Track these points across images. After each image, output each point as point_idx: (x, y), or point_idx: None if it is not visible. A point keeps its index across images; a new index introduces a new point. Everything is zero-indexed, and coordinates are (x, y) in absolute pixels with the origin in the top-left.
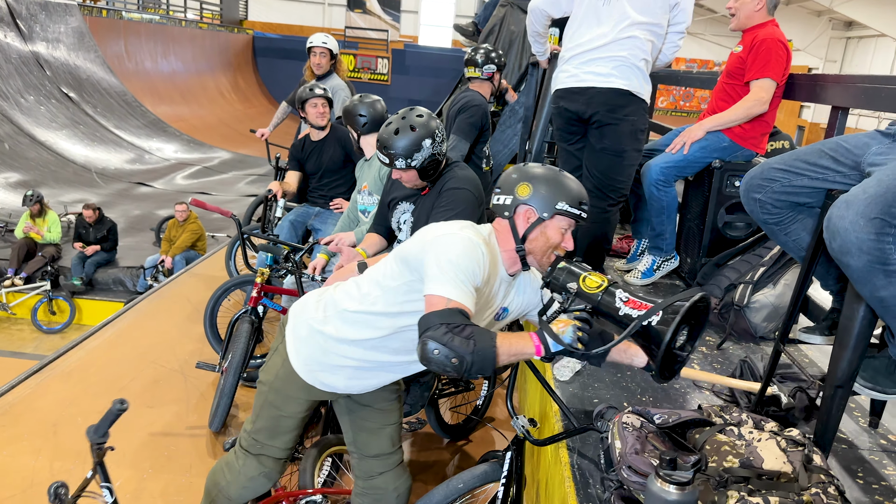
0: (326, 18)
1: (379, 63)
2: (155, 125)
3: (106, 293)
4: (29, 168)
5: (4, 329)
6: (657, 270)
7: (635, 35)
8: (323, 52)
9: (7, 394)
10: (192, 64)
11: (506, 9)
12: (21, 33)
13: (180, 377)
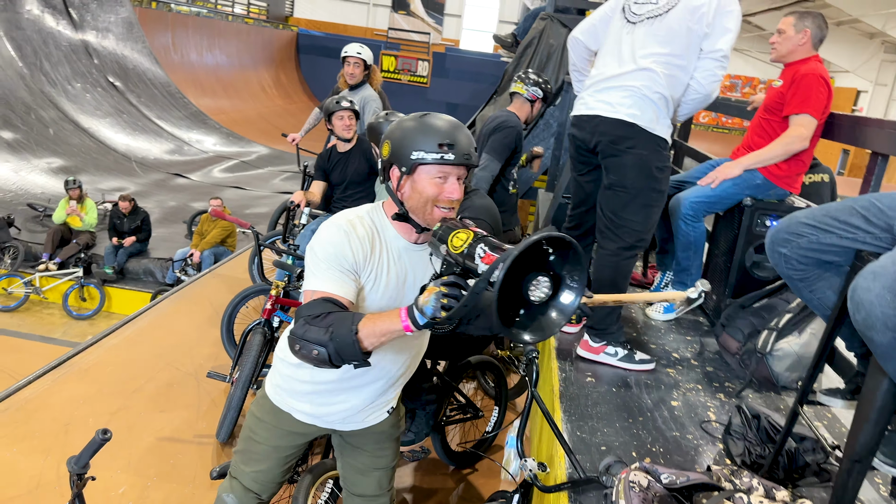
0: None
1: (419, 65)
2: (196, 117)
3: (136, 283)
4: (71, 154)
5: (36, 313)
6: (680, 307)
7: (651, 67)
8: (357, 62)
9: (24, 389)
10: (235, 58)
11: (546, 22)
12: (73, 22)
13: (194, 382)
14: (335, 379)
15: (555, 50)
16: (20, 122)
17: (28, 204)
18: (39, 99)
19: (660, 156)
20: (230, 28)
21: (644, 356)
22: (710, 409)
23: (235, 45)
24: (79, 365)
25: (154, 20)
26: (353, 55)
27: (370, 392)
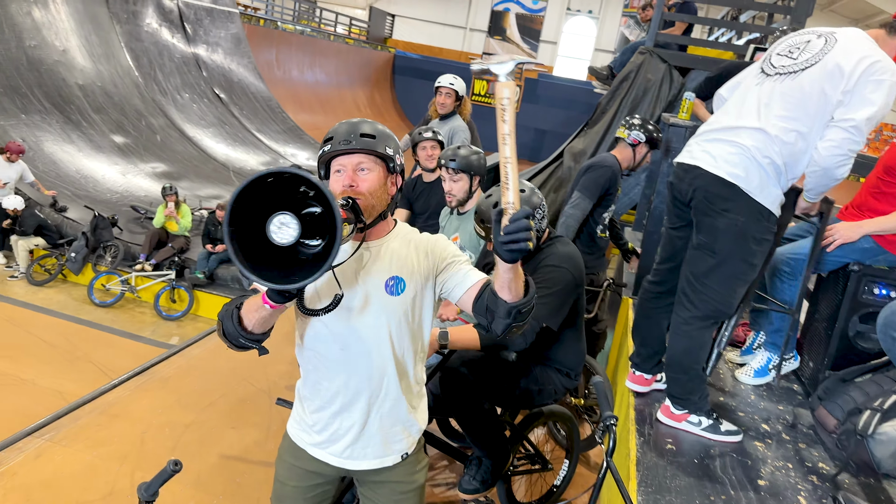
0: (466, 43)
1: None
2: (292, 131)
3: (223, 289)
4: (175, 160)
5: (129, 310)
6: (773, 370)
7: (768, 129)
8: (449, 92)
9: (109, 392)
10: (334, 76)
11: (644, 56)
12: (186, 36)
13: (267, 399)
14: (320, 401)
15: (652, 85)
16: (131, 127)
17: (131, 206)
18: (151, 107)
19: (759, 226)
20: (331, 47)
21: (731, 427)
22: (801, 494)
23: (335, 63)
24: (161, 373)
25: (261, 37)
26: (445, 85)
27: (356, 416)
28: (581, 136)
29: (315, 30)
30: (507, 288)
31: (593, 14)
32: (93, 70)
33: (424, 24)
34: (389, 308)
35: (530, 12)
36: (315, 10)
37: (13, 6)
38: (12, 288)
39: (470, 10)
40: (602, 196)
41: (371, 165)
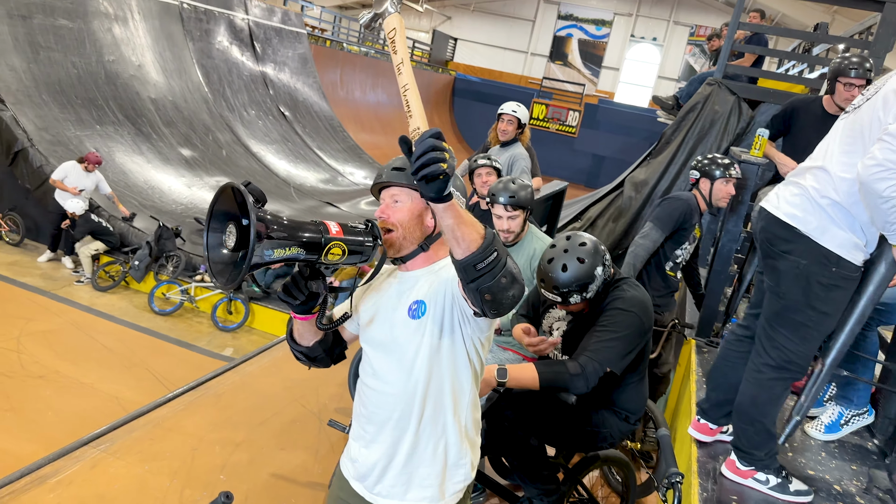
0: (527, 67)
1: (569, 115)
2: (352, 150)
3: (278, 303)
4: (238, 175)
5: (187, 320)
6: (845, 426)
7: (828, 167)
8: (511, 119)
9: (163, 406)
10: (395, 97)
11: (713, 88)
12: (255, 54)
13: (316, 422)
14: (357, 429)
15: (719, 117)
16: (199, 141)
17: (195, 217)
18: (218, 122)
19: (825, 271)
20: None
21: (801, 486)
22: None
23: (396, 85)
24: (215, 389)
25: (326, 57)
26: (508, 112)
27: (383, 449)
28: (643, 165)
29: (379, 51)
30: (454, 238)
31: (657, 41)
32: (165, 85)
33: (486, 48)
34: (412, 332)
35: (593, 38)
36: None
37: (96, 23)
38: (78, 292)
39: (532, 35)
40: (675, 231)
41: (404, 198)
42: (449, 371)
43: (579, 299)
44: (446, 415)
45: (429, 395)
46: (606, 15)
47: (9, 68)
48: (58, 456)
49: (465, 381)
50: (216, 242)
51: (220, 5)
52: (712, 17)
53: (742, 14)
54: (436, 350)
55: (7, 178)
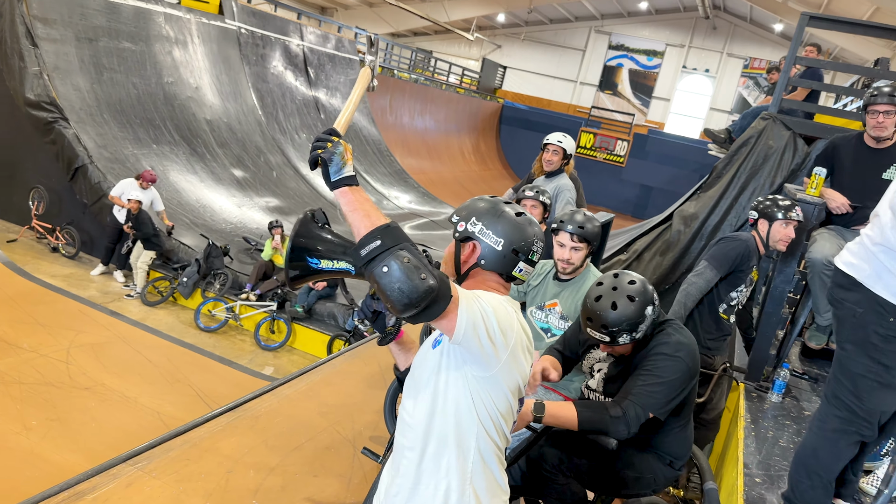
0: (576, 96)
1: (617, 144)
2: (398, 175)
3: (319, 324)
4: (287, 196)
5: (231, 337)
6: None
7: (880, 213)
8: (556, 150)
9: (200, 427)
10: (442, 123)
11: (767, 122)
12: (309, 79)
13: (350, 449)
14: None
15: (773, 152)
16: (251, 162)
17: (243, 237)
18: (270, 144)
19: (882, 321)
20: (442, 96)
21: None
22: None
23: (444, 111)
24: (252, 411)
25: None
26: (553, 143)
27: (395, 473)
28: (693, 199)
29: (428, 79)
30: (351, 226)
31: (710, 73)
32: (220, 107)
33: (535, 77)
34: (428, 362)
35: (644, 68)
36: (430, 60)
37: (157, 45)
38: (127, 306)
39: (582, 64)
40: (731, 272)
41: (451, 240)
42: (452, 411)
43: (628, 339)
44: (450, 456)
45: (432, 431)
46: (658, 46)
47: (74, 88)
48: (96, 472)
49: (468, 426)
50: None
51: (277, 31)
52: (767, 50)
53: (799, 48)
54: (442, 385)
55: (66, 193)
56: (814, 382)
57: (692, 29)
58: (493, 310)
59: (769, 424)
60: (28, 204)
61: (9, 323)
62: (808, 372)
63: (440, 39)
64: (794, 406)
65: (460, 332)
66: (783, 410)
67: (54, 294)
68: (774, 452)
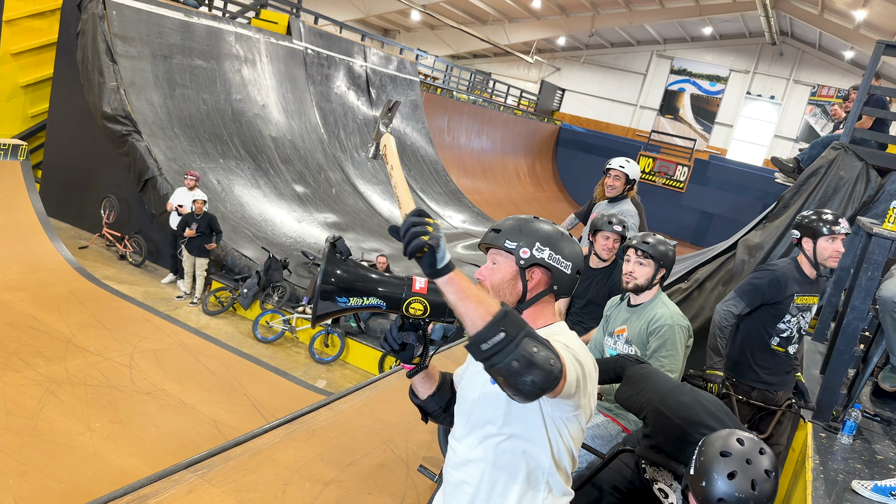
0: (635, 120)
1: (678, 170)
2: (453, 194)
3: (372, 340)
4: (345, 213)
5: (286, 349)
6: (894, 497)
7: None
8: (618, 175)
9: (259, 437)
10: (499, 144)
11: (838, 152)
12: (370, 99)
13: (404, 468)
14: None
15: (844, 183)
16: (312, 179)
17: (302, 251)
18: (331, 162)
19: None
20: (499, 117)
21: None
22: None
23: (501, 132)
24: (309, 424)
25: (436, 104)
26: (615, 168)
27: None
28: (759, 228)
29: (486, 100)
30: (459, 315)
31: (776, 100)
32: (285, 125)
33: (594, 100)
34: (490, 400)
35: (707, 94)
36: (488, 82)
37: (227, 63)
38: (189, 315)
39: (643, 88)
40: (764, 304)
41: (500, 260)
42: (523, 448)
43: None
44: (519, 491)
45: (499, 466)
46: (722, 71)
47: (147, 103)
48: (159, 477)
49: (540, 461)
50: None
51: (342, 52)
52: (836, 77)
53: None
54: (515, 422)
55: (136, 204)
56: (886, 425)
57: (758, 54)
58: (582, 358)
59: (839, 467)
60: (100, 212)
61: (78, 326)
62: (881, 414)
63: (499, 62)
64: (866, 449)
65: (566, 393)
66: (854, 453)
67: (121, 300)
68: (845, 497)
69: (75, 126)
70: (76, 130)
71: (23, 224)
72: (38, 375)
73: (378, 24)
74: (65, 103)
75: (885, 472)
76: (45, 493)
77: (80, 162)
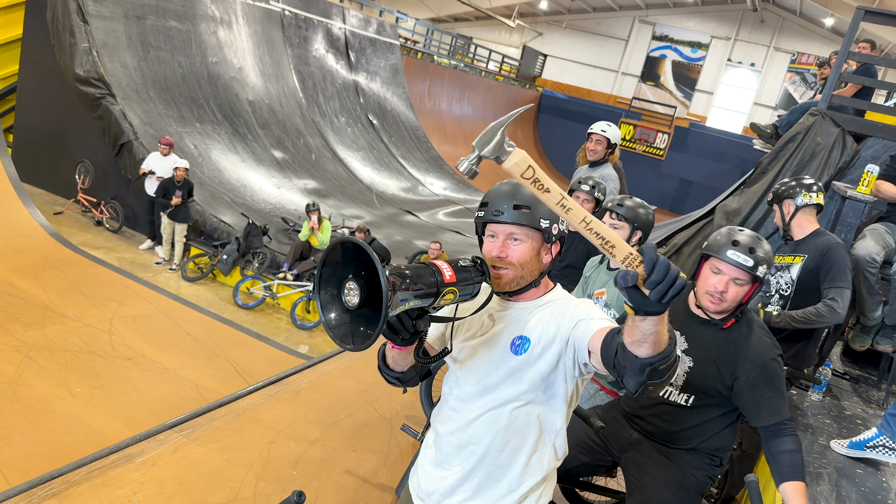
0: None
1: (658, 137)
2: (434, 161)
3: None
4: (325, 179)
5: (268, 315)
6: (871, 449)
7: None
8: (600, 139)
9: (244, 398)
10: (480, 111)
11: (816, 118)
12: (349, 63)
13: (387, 427)
14: (433, 442)
15: (821, 149)
16: (290, 145)
17: (282, 217)
18: (310, 127)
19: None
20: (481, 83)
21: None
22: None
23: (482, 98)
24: (293, 385)
25: (416, 69)
26: (597, 132)
27: (457, 470)
28: (737, 194)
29: (468, 65)
30: (648, 342)
31: (756, 67)
32: (263, 88)
33: (575, 66)
34: (511, 368)
35: (688, 60)
36: (470, 47)
37: (203, 25)
38: (168, 281)
39: (625, 54)
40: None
41: (524, 236)
42: (539, 407)
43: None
44: (526, 453)
45: (512, 431)
46: (703, 38)
47: (121, 65)
48: (144, 437)
49: (557, 418)
50: (328, 298)
51: (320, 14)
52: (816, 45)
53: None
54: (533, 386)
55: (111, 169)
56: (855, 383)
57: (739, 21)
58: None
59: (808, 422)
60: (74, 178)
61: (56, 292)
62: (849, 372)
63: (481, 26)
64: (835, 406)
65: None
66: (823, 409)
67: (98, 266)
68: (814, 450)
69: (47, 89)
70: (48, 93)
71: None
72: (16, 341)
73: None
74: (35, 65)
75: (853, 427)
76: (28, 456)
77: (53, 125)
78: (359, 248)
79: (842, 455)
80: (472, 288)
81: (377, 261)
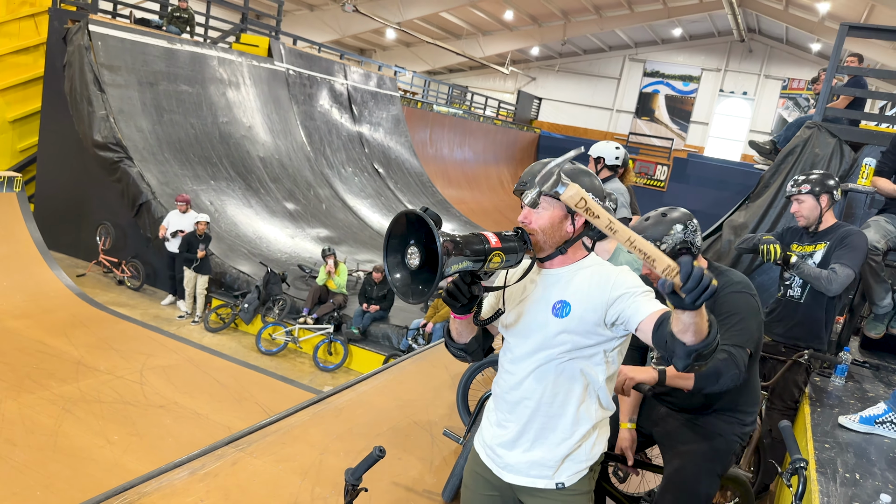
0: (612, 123)
1: (658, 169)
2: (440, 205)
3: (374, 345)
4: (336, 227)
5: (291, 359)
6: (880, 425)
7: None
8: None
9: (291, 416)
10: (481, 154)
11: (812, 131)
12: (353, 116)
13: (428, 437)
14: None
15: (820, 160)
16: (301, 196)
17: (298, 265)
18: (319, 178)
19: None
20: (480, 128)
21: None
22: None
23: (482, 142)
24: (335, 403)
25: (417, 118)
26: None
27: (512, 428)
28: (742, 209)
29: (466, 112)
30: (690, 331)
31: (748, 95)
32: (272, 144)
33: (570, 106)
34: (554, 329)
35: (680, 94)
36: (466, 94)
37: (212, 88)
38: (192, 332)
39: (618, 92)
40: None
41: (545, 205)
42: (583, 362)
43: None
44: (574, 403)
45: (560, 384)
46: (694, 71)
47: (137, 129)
48: (204, 452)
49: (599, 374)
50: (394, 263)
51: (323, 71)
52: (805, 70)
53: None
54: (574, 345)
55: (130, 229)
56: (875, 370)
57: (728, 52)
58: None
59: (833, 402)
60: (95, 240)
61: (86, 348)
62: (869, 361)
63: (475, 75)
64: (857, 388)
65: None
66: (846, 392)
67: (124, 322)
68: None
69: (65, 157)
70: (67, 161)
71: (22, 254)
72: (53, 395)
73: (354, 44)
74: (54, 135)
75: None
76: (73, 502)
77: (73, 191)
78: (421, 219)
79: (852, 430)
80: (517, 255)
81: (434, 228)
